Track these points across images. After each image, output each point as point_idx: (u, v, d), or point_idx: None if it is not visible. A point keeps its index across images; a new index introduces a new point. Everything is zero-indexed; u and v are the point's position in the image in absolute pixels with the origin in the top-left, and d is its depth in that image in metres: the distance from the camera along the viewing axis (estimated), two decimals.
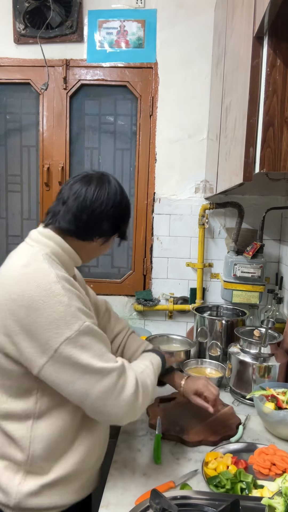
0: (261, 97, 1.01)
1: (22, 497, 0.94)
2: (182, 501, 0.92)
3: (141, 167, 2.16)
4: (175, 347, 1.91)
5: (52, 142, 2.17)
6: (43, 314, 0.86)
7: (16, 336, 0.88)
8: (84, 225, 1.00)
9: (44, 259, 0.95)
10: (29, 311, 0.86)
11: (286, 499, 0.89)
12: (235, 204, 1.95)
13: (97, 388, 0.89)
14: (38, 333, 0.86)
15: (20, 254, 0.98)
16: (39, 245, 0.99)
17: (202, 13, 2.02)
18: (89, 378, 0.89)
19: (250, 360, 1.49)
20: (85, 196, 1.00)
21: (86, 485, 1.06)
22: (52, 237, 1.00)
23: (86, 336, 0.89)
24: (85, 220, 1.00)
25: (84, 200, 1.00)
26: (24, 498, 0.94)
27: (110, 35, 2.09)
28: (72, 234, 1.02)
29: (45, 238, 1.00)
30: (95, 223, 1.01)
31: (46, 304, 0.86)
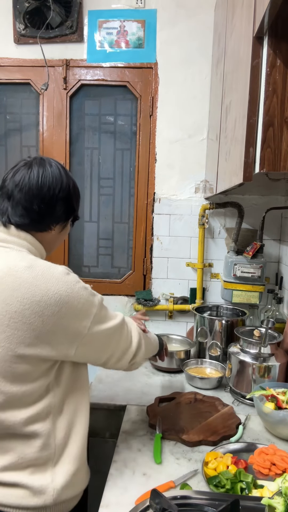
0: (261, 97, 1.01)
1: (58, 491, 0.94)
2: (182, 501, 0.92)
3: (141, 167, 2.16)
4: (175, 347, 1.91)
5: (52, 142, 2.17)
6: (73, 303, 0.89)
7: (45, 337, 0.88)
8: (38, 215, 0.96)
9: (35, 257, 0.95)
10: (59, 306, 0.87)
11: (286, 499, 0.89)
12: (235, 204, 1.95)
13: (120, 341, 1.03)
14: (70, 324, 0.89)
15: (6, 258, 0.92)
16: (16, 246, 0.95)
17: (202, 13, 2.02)
18: (113, 338, 1.00)
19: (250, 360, 1.49)
20: (30, 185, 0.96)
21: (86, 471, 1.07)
22: (20, 234, 0.97)
23: (103, 307, 0.98)
24: (37, 210, 0.96)
25: (30, 189, 0.96)
26: (60, 492, 0.95)
27: (110, 35, 2.09)
28: (28, 227, 0.97)
29: (15, 237, 0.96)
30: (48, 211, 0.98)
31: (72, 294, 0.89)
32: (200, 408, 1.43)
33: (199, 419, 1.35)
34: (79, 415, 1.01)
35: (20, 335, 0.86)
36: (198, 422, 1.33)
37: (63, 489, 0.95)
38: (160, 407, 1.43)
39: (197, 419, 1.35)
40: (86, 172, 2.23)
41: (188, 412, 1.40)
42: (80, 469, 1.00)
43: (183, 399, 1.49)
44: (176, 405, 1.44)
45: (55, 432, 0.95)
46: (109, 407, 1.49)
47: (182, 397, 1.50)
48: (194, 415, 1.38)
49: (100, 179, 2.23)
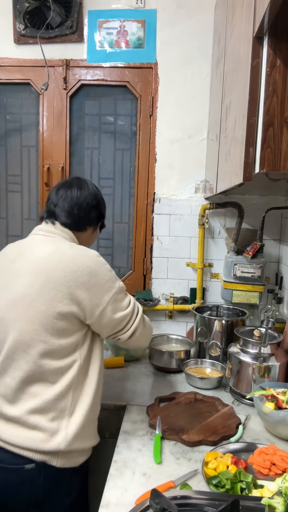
0: (261, 97, 1.01)
1: (70, 440, 1.11)
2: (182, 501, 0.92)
3: (141, 167, 2.16)
4: (175, 347, 1.91)
5: (52, 142, 2.17)
6: (99, 276, 1.13)
7: (80, 297, 1.11)
8: (78, 218, 1.26)
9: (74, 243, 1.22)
10: (89, 276, 1.11)
11: (286, 499, 0.89)
12: (235, 204, 1.95)
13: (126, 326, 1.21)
14: (97, 291, 1.12)
15: (51, 242, 1.19)
16: (60, 237, 1.23)
17: (202, 13, 2.02)
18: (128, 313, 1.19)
19: (250, 360, 1.49)
20: (71, 196, 1.26)
21: (96, 433, 1.23)
22: (64, 230, 1.24)
23: (121, 292, 1.19)
24: (77, 214, 1.26)
25: (71, 199, 1.26)
26: (71, 441, 1.11)
27: (110, 35, 2.09)
28: (70, 226, 1.25)
29: (60, 231, 1.24)
30: (85, 215, 1.28)
31: (99, 270, 1.14)
32: (200, 408, 1.43)
33: (199, 419, 1.35)
34: (92, 376, 1.18)
35: (60, 296, 1.09)
36: (198, 422, 1.33)
37: (74, 437, 1.11)
38: (160, 407, 1.43)
39: (197, 419, 1.35)
40: (86, 172, 2.23)
41: (188, 412, 1.40)
42: (89, 424, 1.17)
43: (183, 399, 1.49)
44: (176, 405, 1.44)
45: (74, 386, 1.13)
46: (109, 407, 1.49)
47: (182, 397, 1.50)
48: (194, 415, 1.38)
49: (100, 179, 2.23)
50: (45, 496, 1.12)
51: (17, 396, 1.12)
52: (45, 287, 1.09)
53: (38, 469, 1.10)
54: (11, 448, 1.10)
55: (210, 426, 1.31)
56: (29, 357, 1.10)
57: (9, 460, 1.10)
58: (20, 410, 1.11)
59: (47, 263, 1.12)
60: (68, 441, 1.10)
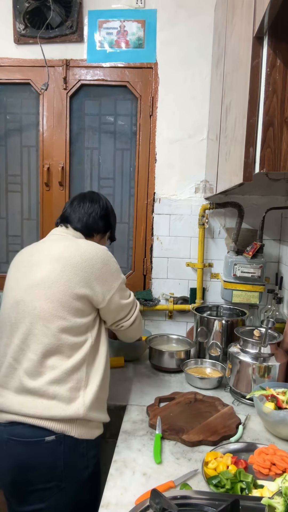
0: (261, 97, 1.01)
1: (87, 407, 1.19)
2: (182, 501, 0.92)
3: (141, 167, 2.16)
4: (175, 347, 1.91)
5: (52, 142, 2.17)
6: (110, 266, 1.28)
7: (93, 282, 1.24)
8: (86, 224, 1.42)
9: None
10: (102, 264, 1.26)
11: (286, 499, 0.89)
12: (235, 204, 1.95)
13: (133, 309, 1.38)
14: (108, 278, 1.27)
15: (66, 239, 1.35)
16: (72, 236, 1.38)
17: (202, 13, 2.03)
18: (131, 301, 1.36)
19: (250, 360, 1.49)
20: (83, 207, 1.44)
21: (106, 412, 1.31)
22: (76, 232, 1.40)
23: (124, 283, 1.35)
24: (85, 221, 1.42)
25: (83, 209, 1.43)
26: (89, 409, 1.19)
27: (110, 35, 2.09)
28: (81, 231, 1.41)
29: (73, 232, 1.40)
30: (93, 222, 1.43)
31: (110, 260, 1.29)
32: (200, 408, 1.43)
33: (199, 419, 1.35)
34: (102, 355, 1.29)
35: (77, 279, 1.22)
36: (198, 422, 1.33)
37: (91, 404, 1.20)
38: (160, 407, 1.43)
39: (197, 419, 1.35)
40: (86, 172, 2.23)
41: (188, 412, 1.40)
42: (102, 398, 1.27)
43: (183, 399, 1.49)
44: (176, 405, 1.44)
45: (87, 361, 1.23)
46: (109, 407, 1.48)
47: (182, 397, 1.50)
48: (194, 415, 1.38)
49: (100, 179, 2.23)
50: (65, 468, 1.17)
51: (37, 370, 1.19)
52: (64, 271, 1.22)
53: (59, 441, 1.16)
54: (31, 420, 1.16)
55: (210, 426, 1.31)
56: (49, 332, 1.19)
57: (29, 433, 1.16)
58: (40, 382, 1.18)
59: (66, 252, 1.26)
60: (86, 407, 1.19)
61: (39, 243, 1.40)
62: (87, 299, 1.24)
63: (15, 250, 2.31)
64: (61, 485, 1.17)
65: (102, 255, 1.28)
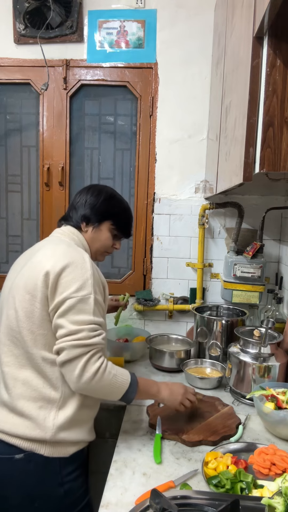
0: (261, 97, 1.01)
1: (57, 429, 1.12)
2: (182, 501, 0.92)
3: (141, 167, 2.16)
4: (175, 347, 1.91)
5: (52, 142, 2.17)
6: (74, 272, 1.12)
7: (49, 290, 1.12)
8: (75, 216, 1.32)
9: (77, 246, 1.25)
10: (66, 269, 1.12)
11: (286, 499, 0.89)
12: (235, 204, 1.95)
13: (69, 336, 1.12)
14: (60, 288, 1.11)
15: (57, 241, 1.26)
16: (68, 238, 1.29)
17: (202, 13, 2.02)
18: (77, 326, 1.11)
19: (250, 360, 1.49)
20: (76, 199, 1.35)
21: (92, 430, 1.24)
22: (75, 233, 1.31)
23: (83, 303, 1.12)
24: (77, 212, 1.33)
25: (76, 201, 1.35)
26: (58, 431, 1.13)
27: (110, 35, 2.09)
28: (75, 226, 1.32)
29: (71, 234, 1.31)
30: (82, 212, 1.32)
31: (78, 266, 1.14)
32: (200, 408, 1.43)
33: (199, 419, 1.35)
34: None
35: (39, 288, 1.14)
36: (198, 422, 1.33)
37: (62, 428, 1.13)
38: (160, 407, 1.43)
39: (197, 419, 1.35)
40: (86, 172, 2.23)
41: (188, 412, 1.40)
42: (82, 420, 1.18)
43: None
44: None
45: (63, 381, 1.14)
46: (109, 407, 1.49)
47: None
48: (194, 415, 1.38)
49: (100, 179, 2.23)
50: (36, 486, 1.13)
51: (11, 382, 1.15)
52: (27, 278, 1.15)
53: (27, 459, 1.12)
54: (2, 436, 1.14)
55: (210, 426, 1.31)
56: (19, 343, 1.15)
57: (1, 449, 1.14)
58: (11, 395, 1.15)
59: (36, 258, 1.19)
60: (55, 430, 1.12)
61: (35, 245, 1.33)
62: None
63: (15, 250, 2.31)
64: (34, 503, 1.13)
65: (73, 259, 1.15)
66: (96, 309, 1.14)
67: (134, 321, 2.23)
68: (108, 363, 1.14)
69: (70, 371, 1.09)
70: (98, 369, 1.09)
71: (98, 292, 1.16)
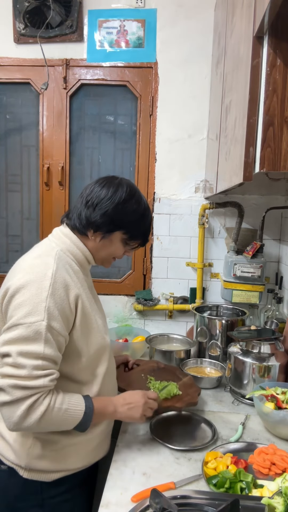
0: (261, 97, 1.01)
1: (32, 459, 1.07)
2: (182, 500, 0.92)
3: (141, 167, 2.16)
4: (175, 347, 1.91)
5: (52, 142, 2.17)
6: (28, 293, 0.99)
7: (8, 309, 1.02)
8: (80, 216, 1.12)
9: (56, 254, 1.08)
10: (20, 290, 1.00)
11: (286, 498, 0.89)
12: (235, 204, 1.95)
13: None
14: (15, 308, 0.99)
15: (39, 247, 1.14)
16: (57, 241, 1.13)
17: (202, 13, 2.02)
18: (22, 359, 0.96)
19: (250, 360, 1.49)
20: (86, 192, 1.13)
21: (92, 454, 1.17)
22: (69, 235, 1.14)
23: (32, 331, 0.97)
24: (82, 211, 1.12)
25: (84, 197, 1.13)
26: (33, 460, 1.07)
27: (110, 35, 2.09)
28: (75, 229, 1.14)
29: (63, 236, 1.14)
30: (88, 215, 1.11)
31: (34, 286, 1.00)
32: (163, 376, 1.48)
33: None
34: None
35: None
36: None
37: (38, 457, 1.07)
38: (127, 372, 1.51)
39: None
40: (86, 172, 2.23)
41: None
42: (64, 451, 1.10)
43: (147, 367, 1.55)
44: (141, 372, 1.50)
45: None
46: None
47: (145, 365, 1.56)
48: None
49: None
50: (18, 500, 1.11)
51: None
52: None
53: (10, 472, 1.10)
54: None
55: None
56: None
57: None
58: None
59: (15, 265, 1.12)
60: (28, 460, 1.07)
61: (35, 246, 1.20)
62: None
63: (15, 250, 2.31)
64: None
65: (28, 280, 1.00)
66: (51, 339, 0.98)
67: (134, 321, 2.23)
68: (58, 397, 1.00)
69: (11, 411, 0.95)
70: (45, 411, 0.96)
71: (56, 317, 0.99)
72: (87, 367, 1.12)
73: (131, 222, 1.14)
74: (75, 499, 1.15)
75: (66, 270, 1.07)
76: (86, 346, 1.10)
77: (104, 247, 1.16)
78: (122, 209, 1.11)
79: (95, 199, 1.10)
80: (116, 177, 1.16)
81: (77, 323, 1.07)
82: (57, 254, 1.08)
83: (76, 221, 1.13)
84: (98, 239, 1.14)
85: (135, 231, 1.16)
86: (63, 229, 1.16)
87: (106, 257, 1.20)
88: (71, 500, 1.14)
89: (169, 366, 1.58)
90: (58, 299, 1.01)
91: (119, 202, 1.10)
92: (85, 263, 1.17)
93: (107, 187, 1.11)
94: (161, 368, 1.54)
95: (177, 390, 1.35)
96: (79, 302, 1.07)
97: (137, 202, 1.14)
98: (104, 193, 1.10)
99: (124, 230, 1.14)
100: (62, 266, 1.06)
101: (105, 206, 1.09)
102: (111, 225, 1.11)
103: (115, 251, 1.18)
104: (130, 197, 1.12)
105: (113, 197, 1.10)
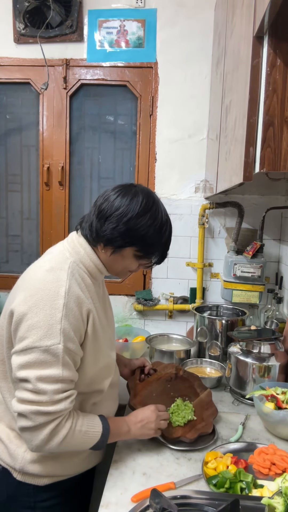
0: (261, 97, 1.01)
1: (26, 463, 1.07)
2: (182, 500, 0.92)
3: (141, 167, 2.16)
4: (175, 347, 1.91)
5: (52, 142, 2.17)
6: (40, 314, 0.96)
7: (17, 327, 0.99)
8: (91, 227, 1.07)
9: (69, 268, 1.03)
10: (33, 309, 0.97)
11: (286, 498, 0.89)
12: (235, 204, 1.95)
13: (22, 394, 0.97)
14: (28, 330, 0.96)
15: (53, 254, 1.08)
16: (71, 250, 1.08)
17: (202, 13, 2.02)
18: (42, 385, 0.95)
19: (250, 360, 1.49)
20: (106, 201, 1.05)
21: (88, 459, 1.16)
22: (84, 245, 1.09)
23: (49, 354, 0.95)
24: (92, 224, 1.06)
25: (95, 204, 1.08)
26: (27, 464, 1.07)
27: (110, 35, 2.09)
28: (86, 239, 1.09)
29: (78, 245, 1.09)
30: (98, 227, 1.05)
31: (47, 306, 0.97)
32: (180, 389, 1.38)
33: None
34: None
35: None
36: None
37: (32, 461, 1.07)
38: (141, 382, 1.38)
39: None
40: (86, 172, 2.23)
41: (167, 393, 1.35)
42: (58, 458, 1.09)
43: (164, 374, 1.43)
44: (157, 381, 1.39)
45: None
46: None
47: (163, 371, 1.44)
48: (173, 398, 1.33)
49: (100, 179, 2.23)
50: (10, 500, 1.11)
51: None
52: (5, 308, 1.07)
53: (4, 472, 1.11)
54: None
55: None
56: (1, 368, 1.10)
57: None
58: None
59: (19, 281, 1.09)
60: (22, 464, 1.07)
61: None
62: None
63: (15, 250, 2.31)
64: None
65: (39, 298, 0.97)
66: (68, 361, 0.97)
67: (134, 321, 2.23)
68: (78, 420, 1.01)
69: (33, 436, 0.96)
70: (67, 434, 0.98)
71: (72, 338, 0.98)
72: (91, 383, 1.12)
73: (145, 238, 1.04)
74: (68, 503, 1.16)
75: (79, 284, 1.03)
76: (93, 363, 1.09)
77: (115, 261, 1.10)
78: (135, 224, 1.02)
79: (107, 210, 1.03)
80: (133, 186, 1.08)
81: (87, 336, 1.05)
82: (70, 268, 1.03)
83: (87, 232, 1.07)
84: (108, 253, 1.07)
85: (149, 248, 1.08)
86: (78, 238, 1.10)
87: (120, 271, 1.14)
88: (63, 504, 1.14)
89: (188, 375, 1.45)
90: (72, 319, 0.98)
91: (132, 216, 1.01)
92: (98, 275, 1.11)
93: (121, 197, 1.03)
94: (179, 377, 1.43)
95: (192, 416, 1.27)
96: (90, 317, 1.05)
97: (153, 216, 1.04)
98: (117, 204, 1.02)
99: (137, 246, 1.06)
100: (75, 281, 1.02)
101: (116, 220, 1.02)
102: (121, 241, 1.04)
103: (128, 265, 1.12)
104: (145, 211, 1.03)
105: (126, 210, 1.01)
